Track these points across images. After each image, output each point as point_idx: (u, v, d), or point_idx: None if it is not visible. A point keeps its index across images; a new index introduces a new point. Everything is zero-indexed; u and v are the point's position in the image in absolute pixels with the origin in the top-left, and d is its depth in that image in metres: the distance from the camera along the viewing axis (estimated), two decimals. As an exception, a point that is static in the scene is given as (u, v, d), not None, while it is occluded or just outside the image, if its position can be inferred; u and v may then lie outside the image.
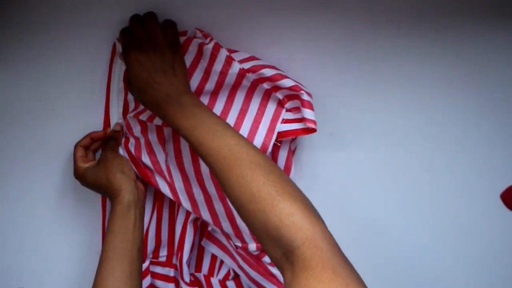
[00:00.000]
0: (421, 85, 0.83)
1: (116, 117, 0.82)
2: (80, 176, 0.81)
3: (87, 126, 0.83)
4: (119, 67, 0.80)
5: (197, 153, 0.70)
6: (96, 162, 0.81)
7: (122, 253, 0.74)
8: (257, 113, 0.78)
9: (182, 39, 0.78)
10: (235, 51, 0.78)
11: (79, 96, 0.82)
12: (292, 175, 0.81)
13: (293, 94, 0.76)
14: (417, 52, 0.82)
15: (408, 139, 0.84)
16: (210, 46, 0.76)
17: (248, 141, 0.69)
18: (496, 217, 0.85)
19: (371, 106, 0.83)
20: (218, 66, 0.76)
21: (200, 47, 0.77)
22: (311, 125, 0.74)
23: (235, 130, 0.70)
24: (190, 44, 0.77)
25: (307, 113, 0.74)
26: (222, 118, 0.72)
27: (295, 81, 0.76)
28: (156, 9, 0.78)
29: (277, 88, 0.76)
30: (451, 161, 0.85)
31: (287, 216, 0.61)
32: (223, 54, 0.76)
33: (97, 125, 0.83)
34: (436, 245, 0.87)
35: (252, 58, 0.78)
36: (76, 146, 0.82)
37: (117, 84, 0.81)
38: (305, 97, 0.74)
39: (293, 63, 0.82)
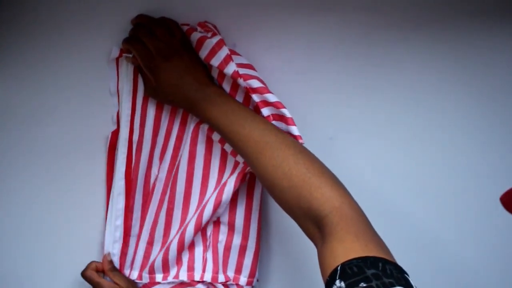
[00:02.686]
0: (420, 88, 0.83)
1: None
2: None
3: (89, 130, 0.83)
4: (125, 72, 0.81)
5: (226, 140, 0.76)
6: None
7: None
8: None
9: (184, 28, 0.79)
10: (238, 54, 0.78)
11: (80, 100, 0.82)
12: None
13: (278, 113, 0.76)
14: (417, 56, 0.82)
15: (408, 143, 0.85)
16: (214, 41, 0.76)
17: (275, 126, 0.74)
18: (496, 219, 0.85)
19: (371, 109, 0.84)
20: (215, 62, 0.76)
21: (201, 39, 0.77)
22: (300, 141, 0.74)
23: (261, 116, 0.75)
24: (191, 34, 0.78)
25: (293, 130, 0.75)
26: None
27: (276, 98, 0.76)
28: (156, 12, 0.79)
29: (265, 104, 0.76)
30: (451, 164, 0.85)
31: (316, 189, 0.66)
32: (223, 52, 0.75)
33: (99, 129, 0.83)
34: (435, 248, 0.87)
35: (248, 66, 0.77)
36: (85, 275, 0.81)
37: (127, 90, 0.81)
38: (287, 114, 0.75)
39: (292, 67, 0.82)
